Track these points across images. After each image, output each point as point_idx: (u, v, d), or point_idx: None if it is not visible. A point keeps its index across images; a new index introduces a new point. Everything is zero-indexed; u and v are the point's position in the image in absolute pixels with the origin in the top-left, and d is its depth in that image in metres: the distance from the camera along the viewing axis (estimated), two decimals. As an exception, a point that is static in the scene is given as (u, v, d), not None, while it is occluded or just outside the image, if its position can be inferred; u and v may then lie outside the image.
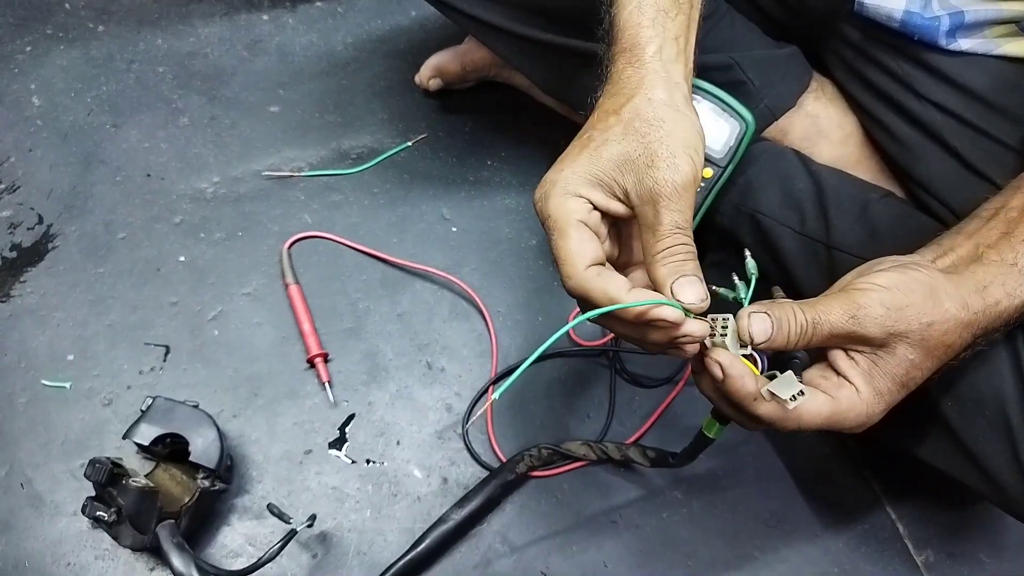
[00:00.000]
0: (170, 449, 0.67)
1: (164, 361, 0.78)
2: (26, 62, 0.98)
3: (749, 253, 0.49)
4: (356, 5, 1.07)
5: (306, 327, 0.79)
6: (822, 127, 0.73)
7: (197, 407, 0.68)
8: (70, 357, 0.77)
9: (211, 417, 0.67)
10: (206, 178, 0.91)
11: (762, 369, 0.46)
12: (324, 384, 0.77)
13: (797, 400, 0.43)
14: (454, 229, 0.89)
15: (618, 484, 0.74)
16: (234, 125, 0.95)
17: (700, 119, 0.47)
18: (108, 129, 0.94)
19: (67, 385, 0.76)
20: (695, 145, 0.45)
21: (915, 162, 0.66)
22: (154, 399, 0.67)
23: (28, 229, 0.86)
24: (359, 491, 0.73)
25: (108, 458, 0.62)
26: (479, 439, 0.76)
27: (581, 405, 0.79)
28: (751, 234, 0.69)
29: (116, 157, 0.91)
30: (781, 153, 0.70)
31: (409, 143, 0.95)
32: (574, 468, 0.74)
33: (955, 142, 0.64)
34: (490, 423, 0.76)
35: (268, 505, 0.65)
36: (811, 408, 0.45)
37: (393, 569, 0.66)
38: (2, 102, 0.95)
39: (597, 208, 0.46)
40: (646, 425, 0.77)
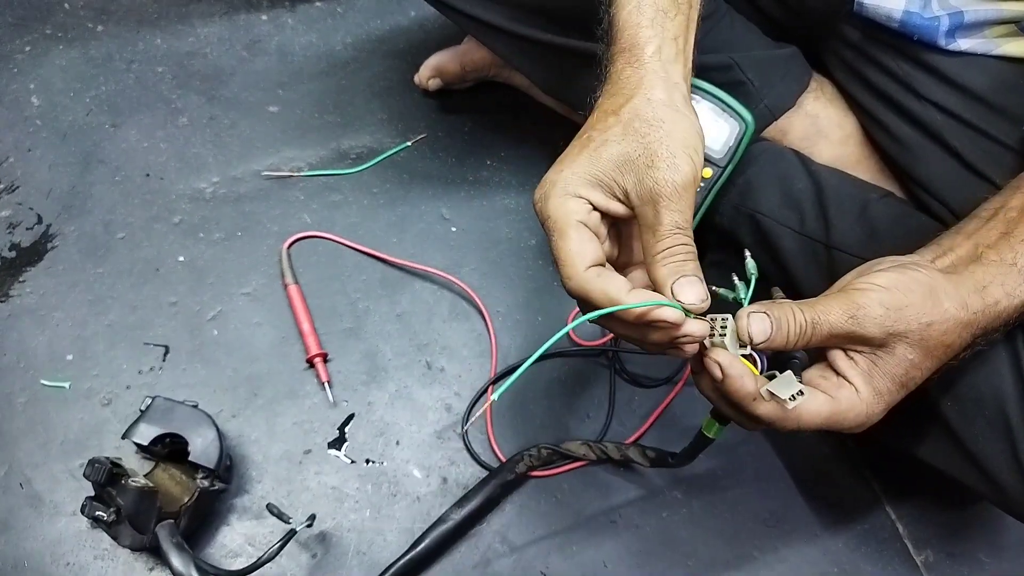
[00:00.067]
0: (169, 449, 0.67)
1: (163, 361, 0.78)
2: (25, 62, 0.98)
3: (749, 253, 0.49)
4: (355, 5, 1.07)
5: (305, 327, 0.79)
6: (822, 127, 0.73)
7: (196, 407, 0.68)
8: (69, 357, 0.77)
9: (210, 417, 0.67)
10: (205, 178, 0.90)
11: (761, 369, 0.46)
12: (323, 384, 0.77)
13: (796, 400, 0.43)
14: (453, 229, 0.89)
15: (618, 484, 0.74)
16: (233, 125, 0.95)
17: (699, 119, 0.47)
18: (107, 129, 0.93)
19: (66, 385, 0.76)
20: (695, 145, 0.45)
21: (915, 162, 0.66)
22: (153, 399, 0.67)
23: (27, 229, 0.86)
24: (358, 491, 0.73)
25: (107, 458, 0.62)
26: (479, 439, 0.76)
27: (581, 405, 0.79)
28: (751, 234, 0.69)
29: (115, 157, 0.91)
30: (781, 153, 0.70)
31: (408, 143, 0.95)
32: (574, 468, 0.74)
33: (955, 142, 0.64)
34: (489, 423, 0.76)
35: (267, 505, 0.65)
36: (810, 408, 0.45)
37: (392, 569, 0.66)
38: (1, 102, 0.95)
39: (597, 208, 0.46)
40: (646, 425, 0.77)
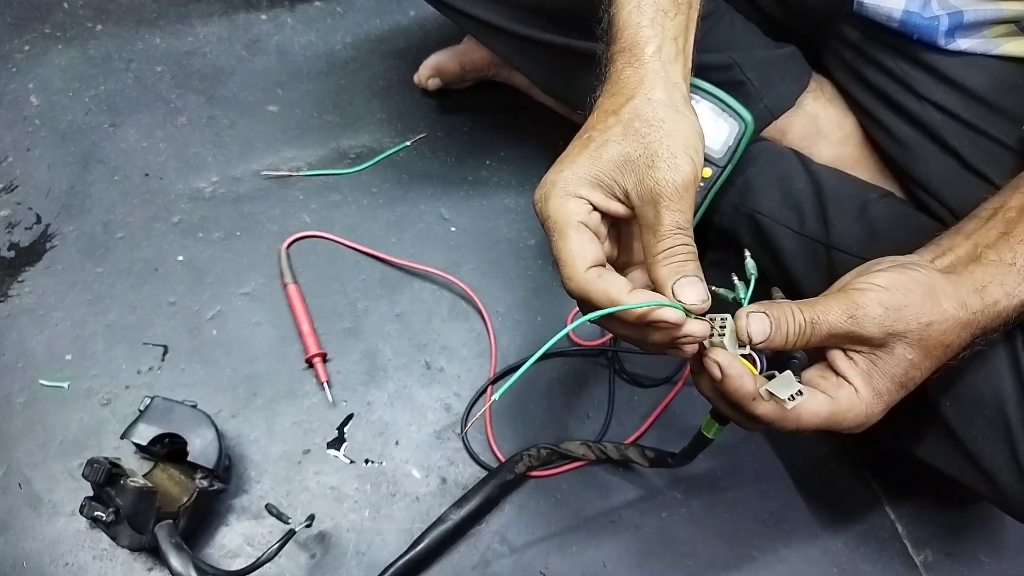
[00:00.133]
0: (168, 449, 0.67)
1: (162, 361, 0.78)
2: (24, 61, 0.98)
3: (748, 253, 0.49)
4: (355, 5, 1.07)
5: (305, 327, 0.79)
6: (821, 127, 0.73)
7: (195, 407, 0.68)
8: (68, 357, 0.77)
9: (209, 417, 0.67)
10: (204, 178, 0.90)
11: (761, 369, 0.46)
12: (323, 384, 0.77)
13: (796, 400, 0.43)
14: (453, 229, 0.89)
15: (617, 484, 0.74)
16: (233, 125, 0.95)
17: (699, 119, 0.47)
18: (106, 128, 0.93)
19: (65, 385, 0.76)
20: (695, 145, 0.45)
21: (914, 162, 0.67)
22: (152, 399, 0.67)
23: (26, 229, 0.85)
24: (358, 491, 0.73)
25: (106, 458, 0.62)
26: (478, 439, 0.76)
27: (580, 405, 0.79)
28: (750, 234, 0.69)
29: (114, 157, 0.91)
30: (780, 153, 0.70)
31: (408, 143, 0.95)
32: (573, 468, 0.74)
33: (954, 142, 0.64)
34: (489, 423, 0.76)
35: (266, 505, 0.65)
36: (810, 408, 0.45)
37: (392, 569, 0.66)
38: (0, 102, 0.95)
39: (597, 209, 0.46)
40: (645, 425, 0.77)
